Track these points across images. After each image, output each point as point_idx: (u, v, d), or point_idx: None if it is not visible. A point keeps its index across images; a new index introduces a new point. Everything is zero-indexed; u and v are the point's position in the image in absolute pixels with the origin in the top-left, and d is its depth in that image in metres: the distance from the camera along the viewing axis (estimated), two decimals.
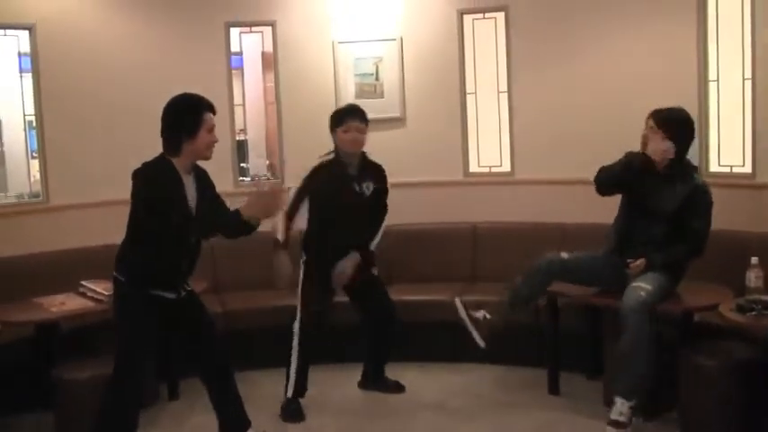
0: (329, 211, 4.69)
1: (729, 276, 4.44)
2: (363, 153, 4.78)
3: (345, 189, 4.69)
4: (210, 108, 3.82)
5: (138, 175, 3.71)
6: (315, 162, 4.73)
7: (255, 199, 3.75)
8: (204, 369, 4.12)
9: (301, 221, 4.70)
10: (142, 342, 3.83)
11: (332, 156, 4.73)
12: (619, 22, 5.59)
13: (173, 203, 3.65)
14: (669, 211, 4.30)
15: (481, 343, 4.43)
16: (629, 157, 4.30)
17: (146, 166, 3.74)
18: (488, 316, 4.45)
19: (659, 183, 4.35)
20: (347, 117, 4.71)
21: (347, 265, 4.70)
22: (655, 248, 4.31)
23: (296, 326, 4.65)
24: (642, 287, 4.17)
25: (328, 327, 4.79)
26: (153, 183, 3.68)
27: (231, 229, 3.86)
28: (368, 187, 4.78)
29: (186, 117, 3.75)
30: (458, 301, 4.53)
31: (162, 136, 3.78)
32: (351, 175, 4.73)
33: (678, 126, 4.32)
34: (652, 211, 4.35)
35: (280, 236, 4.56)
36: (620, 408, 4.08)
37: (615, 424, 4.07)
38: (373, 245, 4.81)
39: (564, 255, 4.54)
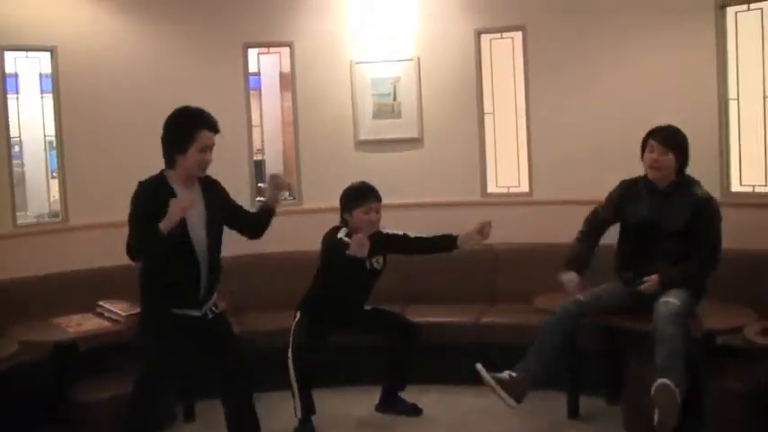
0: (337, 280, 4.72)
1: (753, 297, 4.39)
2: None
3: (357, 269, 4.63)
4: (209, 126, 3.70)
5: (134, 192, 3.68)
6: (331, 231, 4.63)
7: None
8: (225, 390, 4.08)
9: None
10: (162, 365, 3.77)
11: (344, 232, 4.54)
12: (638, 41, 5.55)
13: (158, 219, 3.53)
14: (677, 228, 4.29)
15: (512, 403, 4.29)
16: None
17: (140, 183, 3.70)
18: (514, 374, 4.33)
19: (661, 200, 4.37)
20: (369, 198, 4.66)
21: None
22: (667, 266, 4.28)
23: (289, 353, 4.67)
24: (671, 301, 4.13)
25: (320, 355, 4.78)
26: (140, 201, 3.63)
27: (255, 224, 4.01)
28: (377, 261, 4.77)
29: (178, 132, 3.68)
30: (479, 367, 4.34)
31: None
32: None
33: (680, 143, 4.38)
34: (659, 230, 4.34)
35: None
36: (665, 382, 3.93)
37: (661, 387, 3.91)
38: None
39: (579, 297, 4.49)
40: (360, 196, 4.68)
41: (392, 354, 4.92)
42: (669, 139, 4.36)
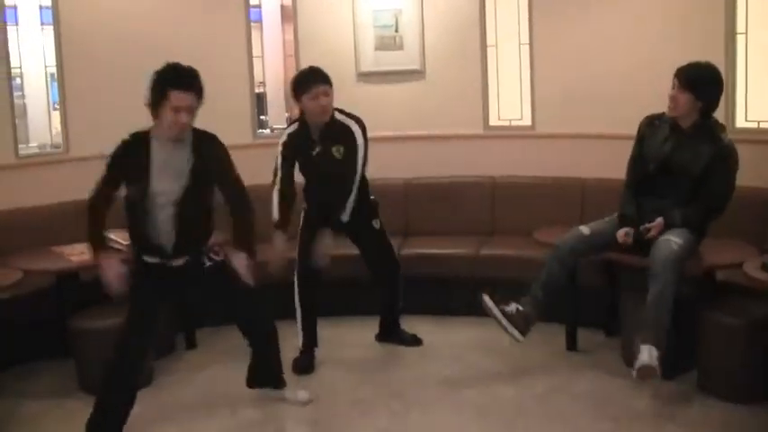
0: (306, 177, 4.67)
1: (755, 234, 4.36)
2: (332, 114, 4.55)
3: (309, 156, 4.57)
4: (183, 86, 3.56)
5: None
6: (283, 134, 4.65)
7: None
8: (240, 325, 4.09)
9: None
10: (141, 307, 3.79)
11: (296, 126, 4.59)
12: None
13: (127, 173, 3.67)
14: (694, 172, 4.21)
15: (519, 337, 4.30)
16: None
17: (128, 135, 3.72)
18: (521, 308, 4.33)
19: (684, 141, 4.26)
20: (312, 82, 4.46)
21: (319, 248, 4.53)
22: (674, 205, 4.24)
23: (294, 277, 4.66)
24: (673, 240, 4.09)
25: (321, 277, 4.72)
26: (115, 154, 3.70)
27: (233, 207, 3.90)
28: (338, 150, 4.57)
29: (152, 90, 3.60)
30: (486, 298, 4.33)
31: None
32: (313, 140, 4.56)
33: (704, 83, 4.21)
34: (675, 170, 4.27)
35: (275, 214, 4.54)
36: (649, 352, 3.92)
37: (644, 368, 3.91)
38: (344, 215, 4.47)
39: (584, 229, 4.46)
40: (304, 82, 4.50)
41: (381, 284, 4.94)
42: (688, 78, 4.20)
